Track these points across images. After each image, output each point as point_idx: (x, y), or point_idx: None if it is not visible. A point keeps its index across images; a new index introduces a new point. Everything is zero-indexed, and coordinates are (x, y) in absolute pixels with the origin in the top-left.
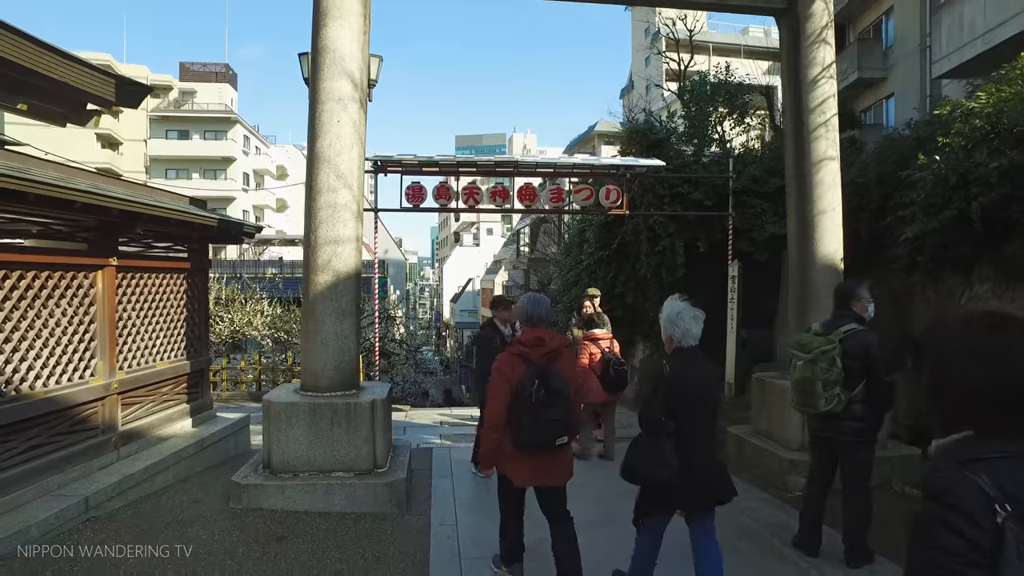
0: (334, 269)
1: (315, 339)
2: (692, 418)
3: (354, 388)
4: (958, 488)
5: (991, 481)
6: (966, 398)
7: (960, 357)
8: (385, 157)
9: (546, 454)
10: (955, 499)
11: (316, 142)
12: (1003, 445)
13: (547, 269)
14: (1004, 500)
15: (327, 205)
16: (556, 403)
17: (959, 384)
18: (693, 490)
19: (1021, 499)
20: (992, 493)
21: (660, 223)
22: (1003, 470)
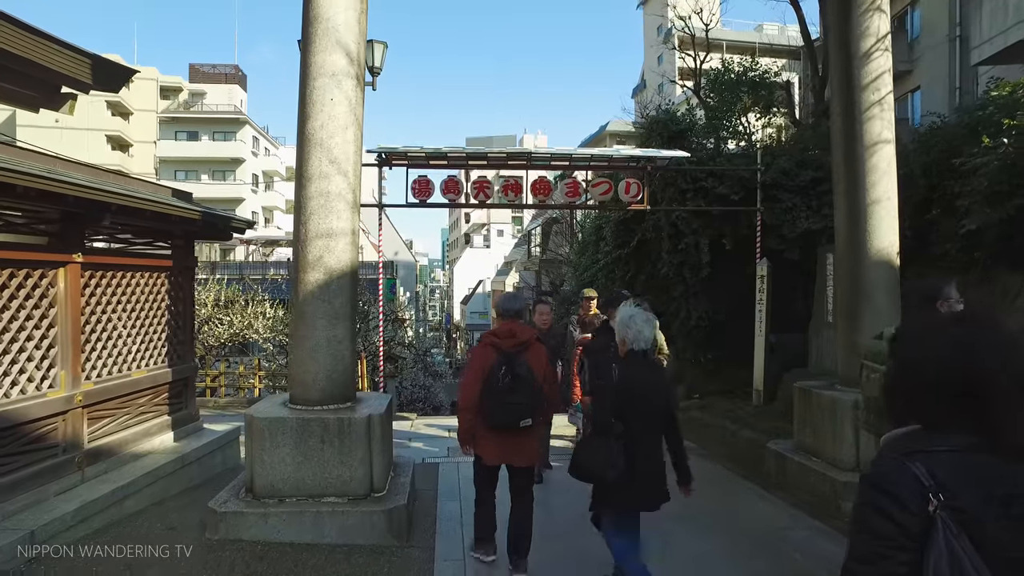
0: (326, 266)
1: (305, 345)
2: (639, 419)
3: (349, 401)
4: (893, 476)
5: (927, 471)
6: (915, 392)
7: (912, 352)
8: (390, 149)
9: (512, 435)
10: (889, 486)
11: (307, 123)
12: (946, 439)
13: (559, 270)
14: (938, 490)
15: (319, 194)
16: (521, 388)
17: (910, 378)
18: (638, 490)
19: (956, 491)
20: (927, 483)
21: (683, 219)
22: (942, 462)
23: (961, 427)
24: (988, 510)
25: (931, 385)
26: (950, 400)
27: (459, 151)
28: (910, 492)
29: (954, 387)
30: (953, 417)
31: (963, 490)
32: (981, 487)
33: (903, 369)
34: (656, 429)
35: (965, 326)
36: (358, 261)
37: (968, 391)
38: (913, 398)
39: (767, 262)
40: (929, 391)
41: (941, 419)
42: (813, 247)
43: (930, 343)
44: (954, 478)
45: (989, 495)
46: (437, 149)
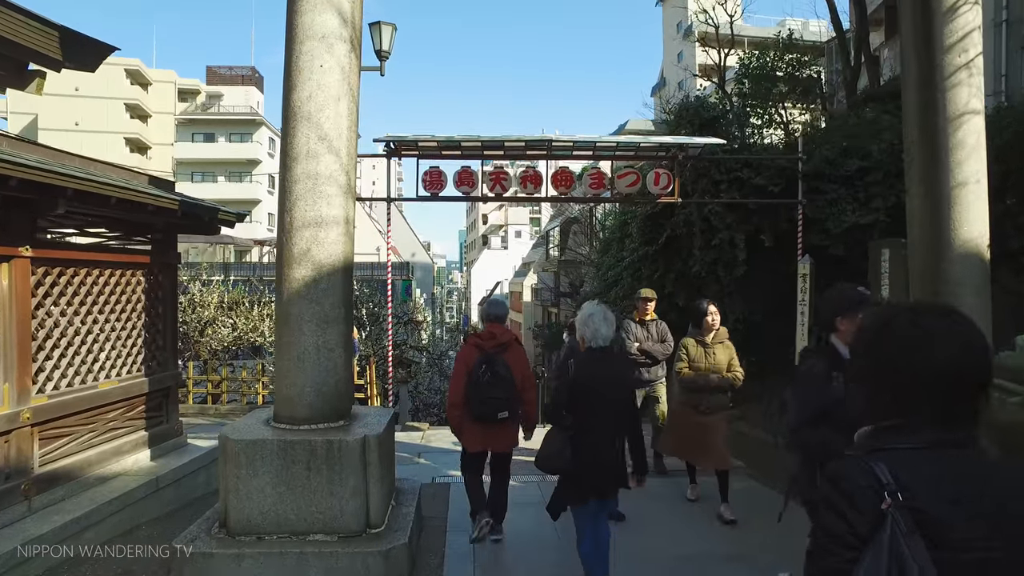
0: (314, 261)
1: (289, 354)
2: (595, 414)
3: (342, 419)
4: (850, 473)
5: (888, 470)
6: (882, 387)
7: (876, 346)
8: (398, 138)
9: (492, 426)
10: (843, 483)
11: (292, 94)
12: (914, 436)
13: (578, 271)
14: (896, 489)
15: (306, 176)
16: (499, 384)
17: (877, 373)
18: (595, 480)
19: (916, 490)
20: (884, 480)
21: (716, 213)
22: (904, 460)
23: (937, 423)
24: (951, 509)
25: (896, 382)
26: (915, 396)
27: (473, 139)
28: (863, 490)
29: (917, 383)
30: (918, 412)
31: (924, 489)
32: (946, 485)
33: (894, 363)
34: (613, 423)
35: (955, 319)
36: (352, 255)
37: (960, 385)
38: (880, 394)
39: (810, 259)
40: (893, 387)
41: (907, 415)
42: (861, 243)
43: (892, 339)
44: (917, 477)
45: (954, 493)
46: (450, 138)
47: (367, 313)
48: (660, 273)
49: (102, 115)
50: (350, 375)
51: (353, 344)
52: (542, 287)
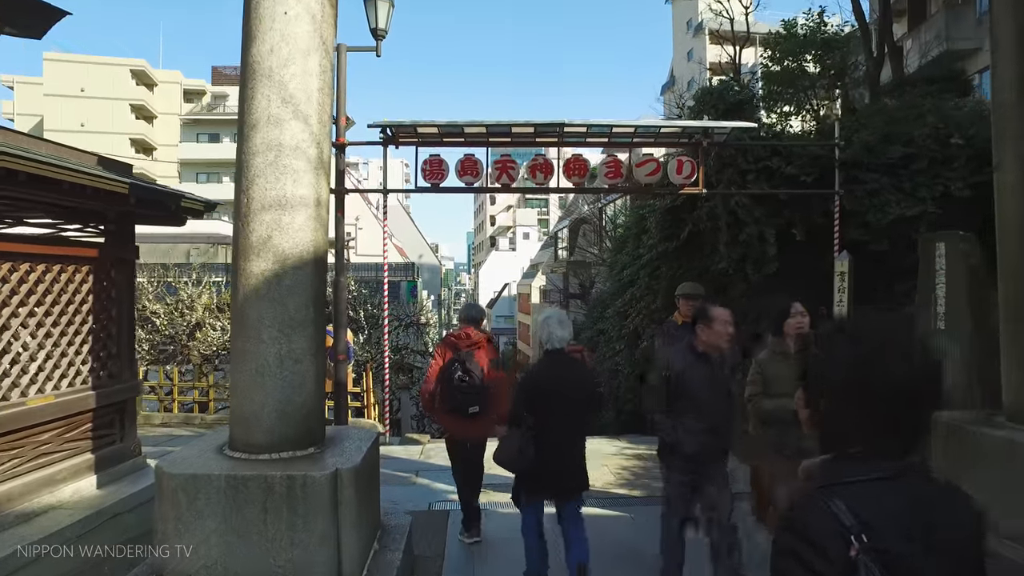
0: (277, 251)
1: (245, 366)
2: (552, 413)
3: (313, 445)
4: (810, 517)
5: (848, 508)
6: (836, 411)
7: (834, 368)
8: (395, 124)
9: (464, 418)
10: (806, 529)
11: (251, 47)
12: (867, 467)
13: (588, 271)
14: (860, 530)
15: (266, 146)
16: (472, 383)
17: (837, 396)
18: (556, 479)
19: (879, 528)
20: (847, 522)
21: (744, 205)
22: (863, 495)
23: (893, 450)
24: (911, 545)
25: (886, 404)
26: (870, 421)
27: (478, 124)
28: (829, 536)
29: (872, 407)
30: (875, 439)
31: (887, 527)
32: (904, 520)
33: (854, 385)
34: (573, 423)
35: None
36: (325, 245)
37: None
38: (834, 419)
39: (848, 255)
40: (848, 411)
41: (863, 442)
42: (906, 236)
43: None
44: (877, 514)
45: (913, 527)
46: (452, 123)
47: (365, 315)
48: (681, 271)
49: (107, 116)
50: (321, 391)
51: (347, 349)
52: (551, 288)
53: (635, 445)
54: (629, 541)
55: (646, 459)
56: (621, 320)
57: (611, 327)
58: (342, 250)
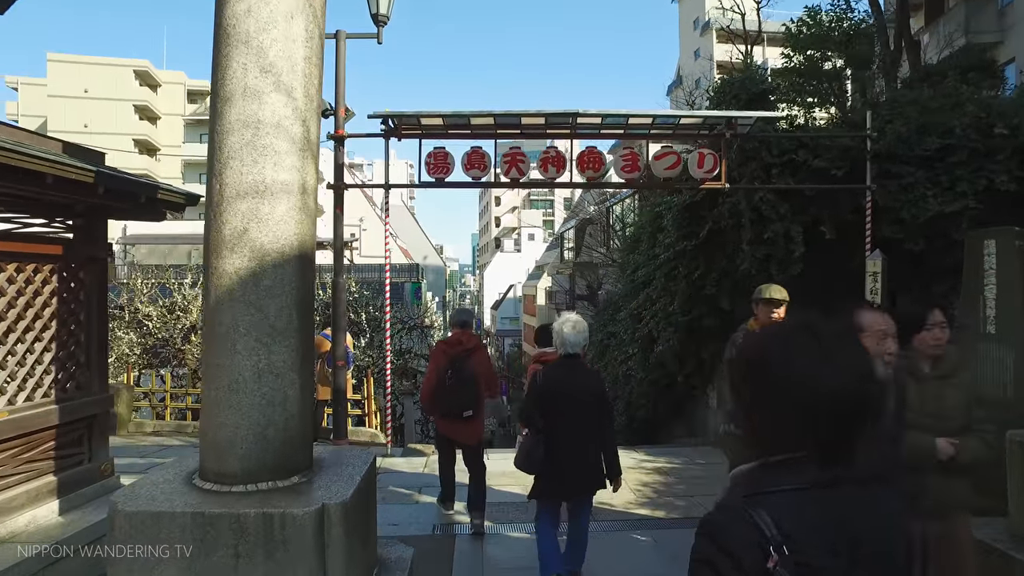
0: (254, 246)
1: (218, 381)
2: (563, 414)
3: (295, 473)
4: (729, 526)
5: (771, 519)
6: (771, 417)
7: (769, 369)
8: (398, 114)
9: (457, 420)
10: (724, 539)
11: (225, 7)
12: (796, 475)
13: (595, 273)
14: (781, 542)
15: (242, 123)
16: (464, 386)
17: (768, 400)
18: (568, 480)
19: (801, 541)
20: (768, 533)
21: (767, 201)
22: (788, 506)
23: (825, 459)
24: (835, 559)
25: (821, 410)
26: (835, 428)
27: (485, 114)
28: (746, 547)
29: (845, 413)
30: (828, 447)
31: (811, 539)
32: (828, 532)
33: (788, 390)
34: (584, 427)
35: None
36: (313, 240)
37: (854, 417)
38: (762, 424)
39: (881, 255)
40: (775, 415)
41: (816, 449)
42: (944, 234)
43: (827, 362)
44: (801, 525)
45: (838, 540)
46: (457, 112)
47: (367, 318)
48: (700, 272)
49: (111, 117)
50: (308, 410)
51: (347, 354)
52: (557, 290)
53: (654, 458)
54: (652, 569)
55: (667, 473)
56: (634, 323)
57: (623, 330)
58: (341, 249)
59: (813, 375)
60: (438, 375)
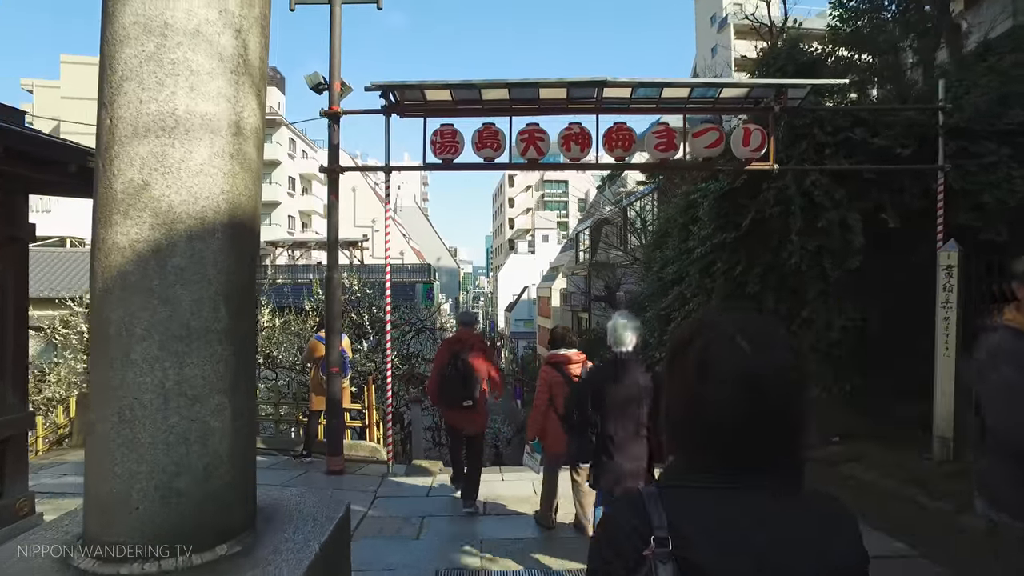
0: (160, 208)
1: (106, 408)
2: (617, 409)
3: (226, 539)
4: (619, 510)
5: (665, 511)
6: (670, 409)
7: (673, 361)
8: (399, 85)
9: (459, 411)
10: (611, 521)
11: None
12: (704, 472)
13: (613, 273)
14: (667, 534)
15: (143, 28)
16: (465, 379)
17: (668, 391)
18: (620, 469)
19: (691, 537)
20: (656, 523)
21: (820, 186)
22: (691, 502)
23: (730, 459)
24: (730, 561)
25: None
26: (728, 426)
27: (499, 84)
28: (626, 531)
29: (739, 411)
30: (729, 448)
31: (701, 536)
32: (727, 533)
33: (683, 384)
34: (633, 424)
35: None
36: (255, 203)
37: (752, 415)
38: (676, 423)
39: (957, 247)
40: (688, 414)
41: (716, 449)
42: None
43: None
44: (697, 522)
45: (739, 542)
46: (467, 82)
47: (371, 319)
48: (741, 268)
49: None
50: (246, 447)
51: (344, 362)
52: (572, 291)
53: None
54: None
55: None
56: (662, 325)
57: (649, 333)
58: (336, 240)
59: (735, 369)
60: (441, 369)
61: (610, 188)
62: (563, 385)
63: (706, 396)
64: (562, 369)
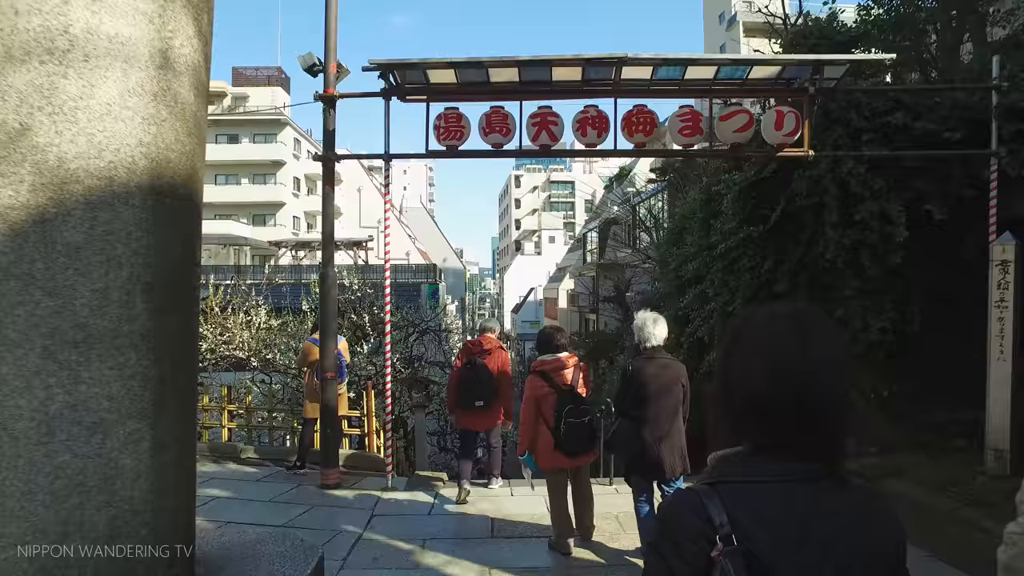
0: (44, 163)
1: None
2: (657, 401)
3: None
4: (678, 513)
5: (726, 508)
6: (720, 404)
7: (722, 355)
8: (399, 63)
9: (473, 411)
10: (672, 523)
11: None
12: (755, 467)
13: (622, 273)
14: (732, 532)
15: None
16: (479, 381)
17: (729, 386)
18: (661, 461)
19: (755, 533)
20: (717, 521)
21: (858, 175)
22: (747, 497)
23: (780, 452)
24: (793, 554)
25: (749, 402)
26: (769, 417)
27: (508, 61)
28: (691, 533)
29: (773, 401)
30: (774, 436)
31: (764, 531)
32: (790, 528)
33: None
34: (672, 413)
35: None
36: (195, 164)
37: (804, 408)
38: (736, 413)
39: (1012, 238)
40: (749, 404)
41: (762, 439)
42: None
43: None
44: (756, 516)
45: (799, 535)
46: (474, 59)
47: (371, 320)
48: (769, 265)
49: None
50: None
51: (340, 366)
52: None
53: None
54: None
55: None
56: (680, 326)
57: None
58: (331, 234)
59: (786, 362)
60: (458, 371)
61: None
62: (551, 397)
63: (759, 388)
64: (551, 378)
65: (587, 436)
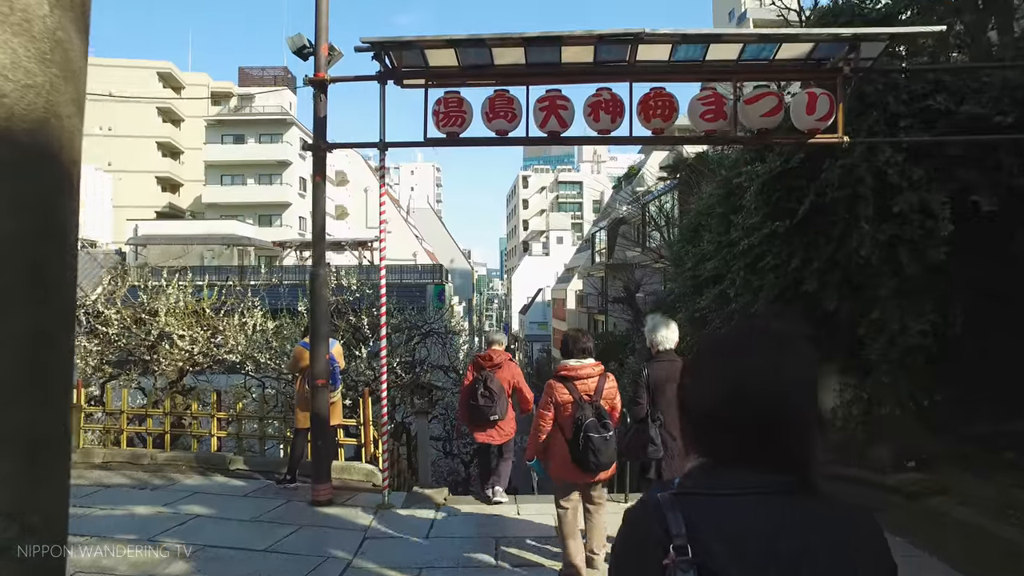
0: None
1: None
2: (672, 404)
3: None
4: (639, 519)
5: (685, 519)
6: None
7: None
8: (394, 41)
9: (486, 425)
10: (632, 530)
11: None
12: (721, 479)
13: (631, 273)
14: (687, 543)
15: None
16: (491, 397)
17: (690, 401)
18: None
19: (712, 547)
20: (674, 531)
21: (895, 164)
22: (710, 509)
23: (746, 464)
24: (745, 568)
25: (710, 412)
26: (730, 431)
27: (513, 38)
28: (648, 543)
29: (730, 417)
30: (743, 453)
31: (724, 545)
32: (753, 541)
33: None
34: None
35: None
36: (51, 94)
37: (771, 421)
38: (696, 426)
39: None
40: (708, 418)
41: (730, 455)
42: None
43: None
44: (718, 529)
45: (763, 552)
46: (475, 36)
47: (370, 322)
48: (796, 263)
49: (132, 119)
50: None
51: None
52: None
53: None
54: None
55: None
56: (696, 328)
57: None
58: (323, 229)
59: (756, 374)
60: (469, 389)
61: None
62: (571, 406)
63: (725, 401)
64: (573, 386)
65: (608, 453)
